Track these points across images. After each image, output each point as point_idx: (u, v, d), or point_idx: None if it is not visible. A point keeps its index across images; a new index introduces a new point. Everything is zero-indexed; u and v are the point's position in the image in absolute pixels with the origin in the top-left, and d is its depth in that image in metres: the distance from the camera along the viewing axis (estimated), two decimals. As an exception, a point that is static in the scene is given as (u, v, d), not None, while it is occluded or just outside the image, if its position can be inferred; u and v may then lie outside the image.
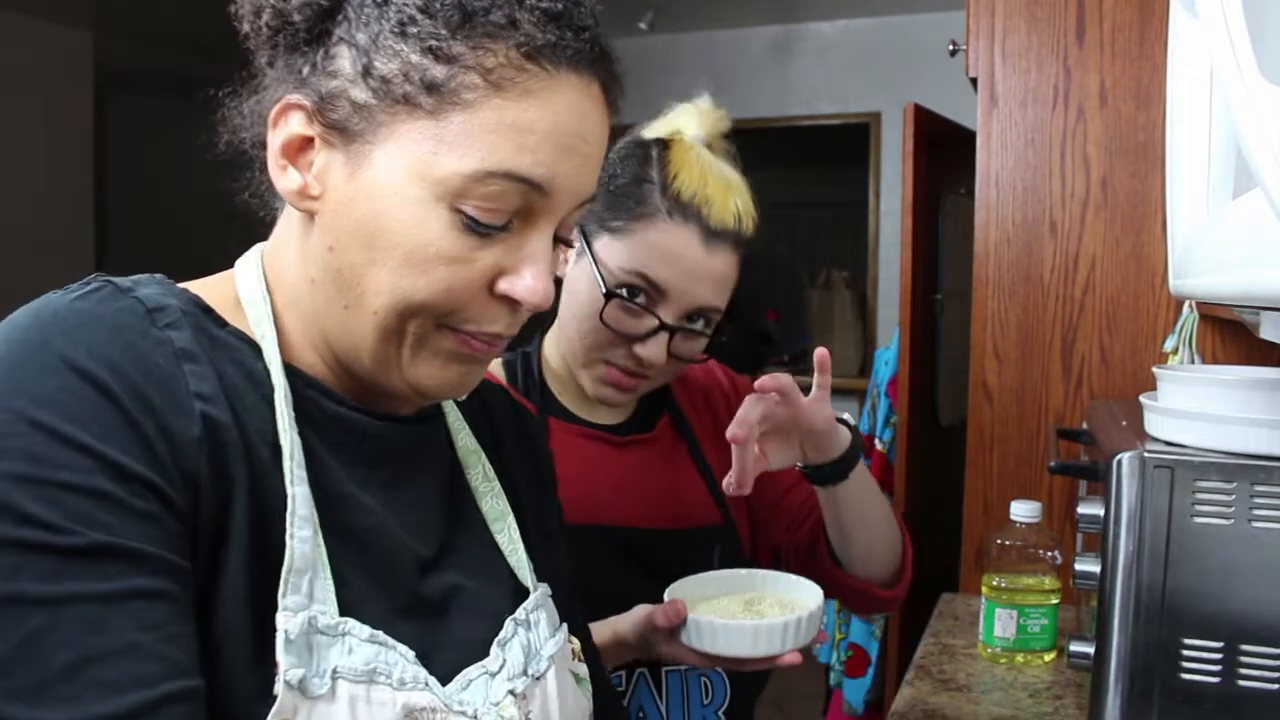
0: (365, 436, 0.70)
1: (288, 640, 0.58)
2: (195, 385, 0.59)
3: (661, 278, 1.05)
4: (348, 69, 0.63)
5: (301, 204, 0.66)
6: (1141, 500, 0.87)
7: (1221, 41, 0.42)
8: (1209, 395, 0.89)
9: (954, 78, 2.12)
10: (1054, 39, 1.72)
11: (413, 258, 0.63)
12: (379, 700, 0.61)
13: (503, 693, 0.68)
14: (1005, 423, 1.78)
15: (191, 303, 0.65)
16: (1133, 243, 1.70)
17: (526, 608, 0.75)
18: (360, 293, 0.64)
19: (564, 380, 1.18)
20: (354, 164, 0.63)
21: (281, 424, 0.64)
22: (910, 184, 2.49)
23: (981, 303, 1.79)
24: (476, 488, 0.79)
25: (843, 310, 4.72)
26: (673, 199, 1.06)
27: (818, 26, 4.76)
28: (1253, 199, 0.57)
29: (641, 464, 1.17)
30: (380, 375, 0.68)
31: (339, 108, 0.63)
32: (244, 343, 0.66)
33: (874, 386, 2.77)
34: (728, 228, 1.07)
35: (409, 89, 0.62)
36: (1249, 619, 0.85)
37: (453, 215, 0.62)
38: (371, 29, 0.63)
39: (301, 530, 0.61)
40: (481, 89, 0.62)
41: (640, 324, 1.06)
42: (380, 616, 0.64)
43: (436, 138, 0.62)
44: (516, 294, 0.65)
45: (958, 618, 1.63)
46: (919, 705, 1.28)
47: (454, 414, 0.81)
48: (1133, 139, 1.69)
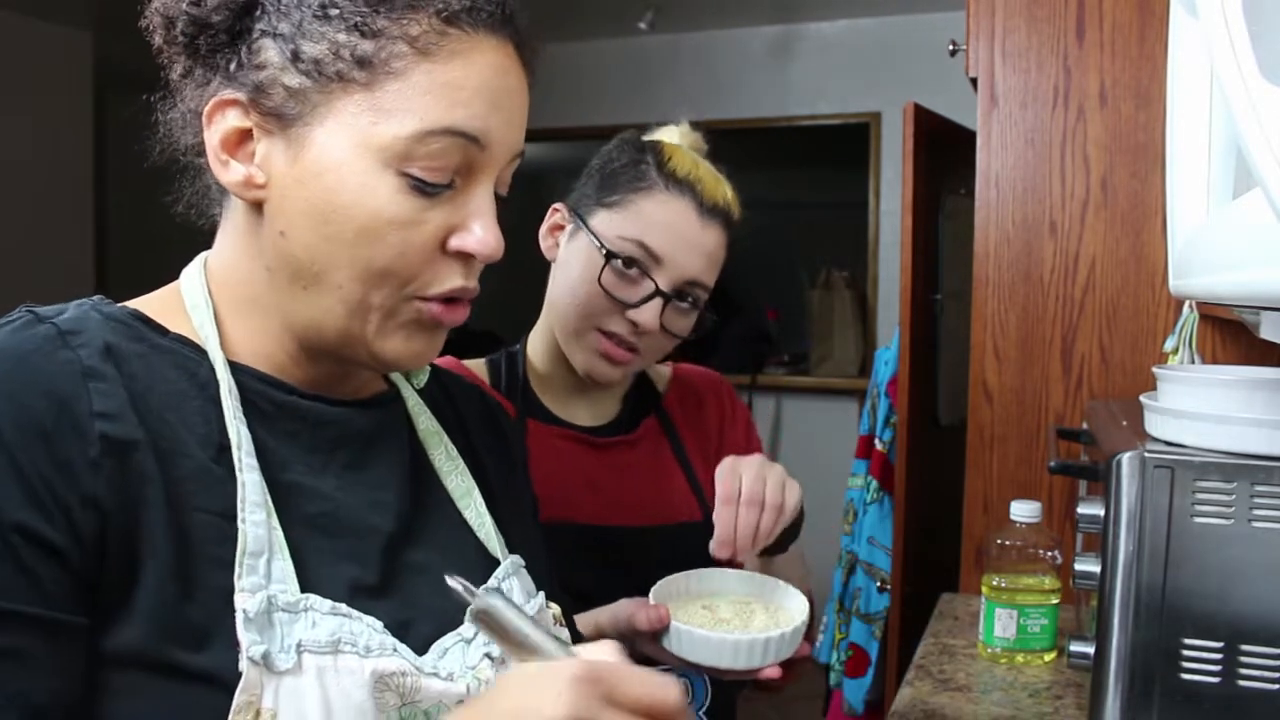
0: (320, 423, 0.73)
1: (247, 618, 0.60)
2: (99, 404, 0.61)
3: (658, 244, 1.10)
4: (275, 59, 0.66)
5: (248, 194, 0.68)
6: (1141, 500, 0.87)
7: (1221, 41, 0.42)
8: (1209, 395, 0.89)
9: (954, 78, 2.12)
10: (1054, 39, 1.72)
11: (367, 227, 0.65)
12: (347, 669, 0.62)
13: (479, 657, 0.70)
14: (1005, 423, 1.78)
15: (130, 316, 0.68)
16: (1133, 243, 1.70)
17: (498, 576, 0.77)
18: (319, 271, 0.67)
19: (547, 379, 1.21)
20: (295, 147, 0.66)
21: (228, 417, 0.66)
22: (910, 184, 2.49)
23: (981, 303, 1.79)
24: (440, 467, 0.81)
25: (843, 310, 4.71)
26: (669, 174, 1.13)
27: (818, 26, 4.76)
28: (1253, 199, 0.57)
29: (620, 464, 1.19)
30: (346, 351, 0.70)
31: (273, 95, 0.66)
32: (188, 347, 0.69)
33: (874, 386, 2.77)
34: (719, 205, 1.14)
35: (341, 66, 0.65)
36: (1249, 619, 0.85)
37: (399, 179, 0.66)
38: (293, 17, 0.66)
39: (254, 515, 0.64)
40: (410, 56, 0.65)
41: (636, 290, 1.10)
42: (348, 597, 0.66)
43: (374, 108, 0.65)
44: (469, 247, 0.69)
45: (958, 618, 1.63)
46: (919, 705, 1.28)
47: (413, 398, 0.83)
48: (1133, 139, 1.69)
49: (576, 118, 4.86)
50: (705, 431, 1.28)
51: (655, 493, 1.19)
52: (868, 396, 2.83)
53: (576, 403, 1.21)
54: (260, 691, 0.59)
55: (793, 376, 4.84)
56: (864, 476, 2.70)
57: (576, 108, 4.84)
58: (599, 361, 1.13)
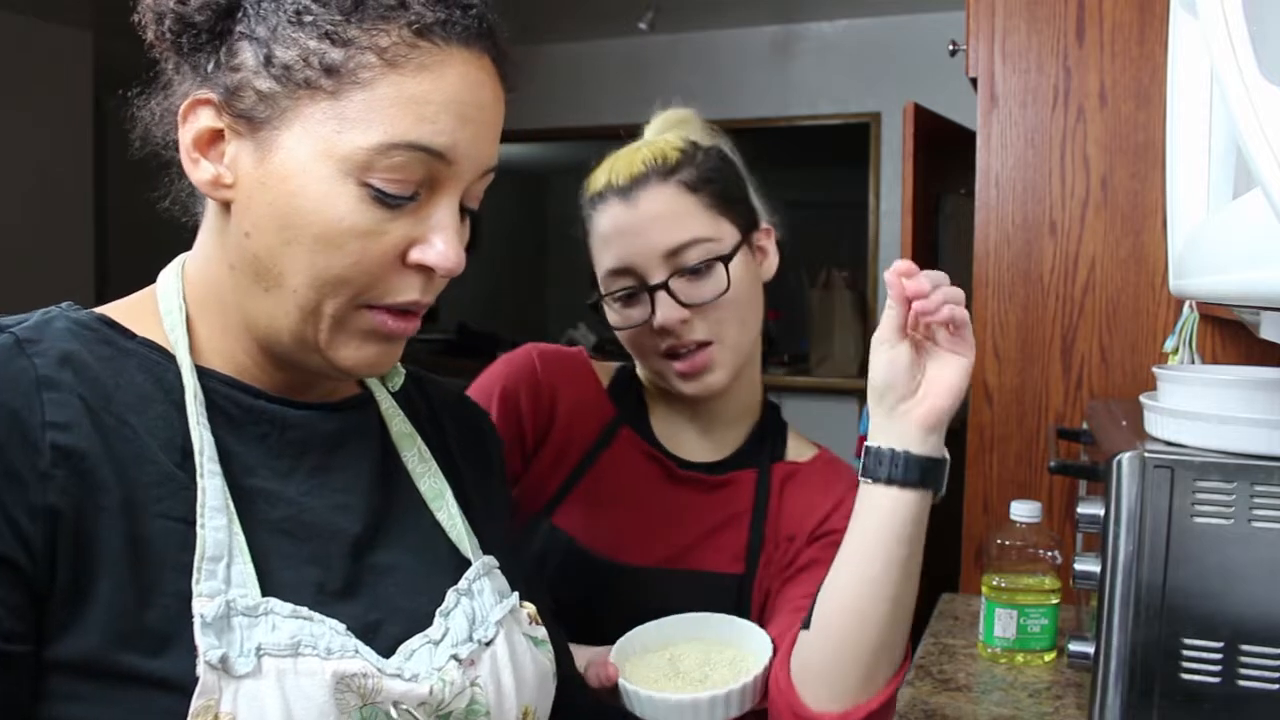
0: (287, 427, 0.73)
1: (204, 623, 0.60)
2: (51, 414, 0.61)
3: (615, 259, 1.07)
4: (250, 62, 0.66)
5: (216, 194, 0.69)
6: (1141, 500, 0.87)
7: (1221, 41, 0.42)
8: (1209, 395, 0.89)
9: (954, 78, 2.12)
10: (1054, 39, 1.72)
11: (325, 234, 0.65)
12: (307, 670, 0.63)
13: (445, 658, 0.71)
14: (1005, 423, 1.77)
15: (97, 320, 0.69)
16: (1133, 243, 1.70)
17: (468, 578, 0.77)
18: (279, 274, 0.67)
19: (657, 402, 1.19)
20: (263, 150, 0.66)
21: (191, 423, 0.66)
22: (910, 184, 2.49)
23: (981, 303, 1.79)
24: (413, 469, 0.82)
25: (843, 310, 4.71)
26: (590, 199, 1.11)
27: (818, 26, 4.76)
28: (1253, 199, 0.57)
29: (681, 507, 1.13)
30: (301, 356, 0.70)
31: (245, 98, 0.66)
32: (155, 351, 0.69)
33: (874, 386, 2.77)
34: (639, 173, 1.08)
35: (309, 73, 0.65)
36: (1249, 619, 0.85)
37: (361, 189, 0.65)
38: (270, 21, 0.66)
39: (213, 520, 0.64)
40: (378, 67, 0.65)
41: (640, 306, 1.08)
42: (314, 599, 0.67)
43: (339, 116, 0.65)
44: (429, 261, 0.68)
45: (958, 618, 1.63)
46: (919, 705, 1.28)
47: (387, 401, 0.84)
48: (1133, 139, 1.69)
49: (576, 118, 4.86)
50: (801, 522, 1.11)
51: (701, 544, 1.11)
52: (868, 396, 2.83)
53: (685, 433, 1.18)
54: (219, 695, 0.59)
55: (793, 376, 4.84)
56: (864, 476, 2.69)
57: (576, 108, 4.85)
58: (680, 382, 1.10)
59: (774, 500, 1.13)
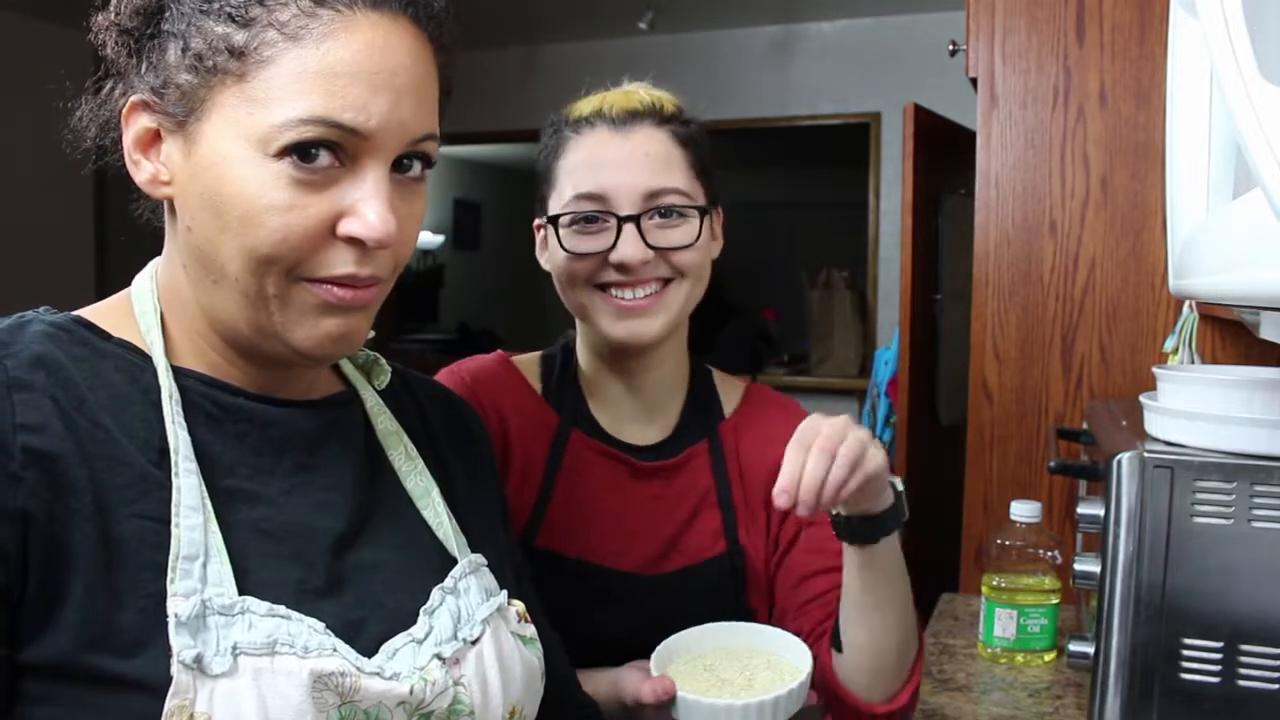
0: (267, 424, 0.72)
1: (179, 622, 0.60)
2: (22, 416, 0.61)
3: (590, 183, 1.05)
4: (172, 58, 0.67)
5: (157, 192, 0.69)
6: (1141, 500, 0.87)
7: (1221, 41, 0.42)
8: (1209, 395, 0.89)
9: (954, 78, 2.12)
10: (1054, 39, 1.72)
11: (248, 215, 0.65)
12: (284, 669, 0.62)
13: (428, 657, 0.70)
14: (1005, 423, 1.78)
15: (74, 322, 0.69)
16: (1133, 243, 1.70)
17: (454, 576, 0.77)
18: (220, 264, 0.67)
19: (598, 387, 1.16)
20: (190, 143, 0.67)
21: (168, 422, 0.66)
22: (910, 184, 2.49)
23: (981, 303, 1.79)
24: (399, 467, 0.81)
25: (843, 310, 4.71)
26: (574, 123, 1.09)
27: (818, 26, 4.76)
28: (1253, 199, 0.57)
29: (655, 495, 1.13)
30: (264, 345, 0.70)
31: (169, 95, 0.67)
32: (133, 352, 0.69)
33: (874, 386, 2.77)
34: (636, 110, 1.07)
35: (218, 59, 0.65)
36: (1249, 619, 0.85)
37: (278, 167, 0.64)
38: (186, 15, 0.66)
39: (188, 519, 0.63)
40: (280, 43, 0.64)
41: (602, 237, 1.05)
42: (294, 597, 0.66)
43: (249, 99, 0.64)
44: (356, 234, 0.67)
45: (958, 618, 1.63)
46: (919, 705, 1.28)
47: (372, 398, 0.83)
48: (1133, 139, 1.69)
49: (576, 118, 4.85)
50: (760, 465, 1.16)
51: (682, 533, 1.13)
52: (868, 396, 2.83)
53: (628, 416, 1.15)
54: (193, 695, 0.59)
55: (793, 376, 4.84)
56: (864, 476, 2.69)
57: (576, 108, 4.84)
58: (620, 324, 1.06)
59: (731, 466, 1.16)
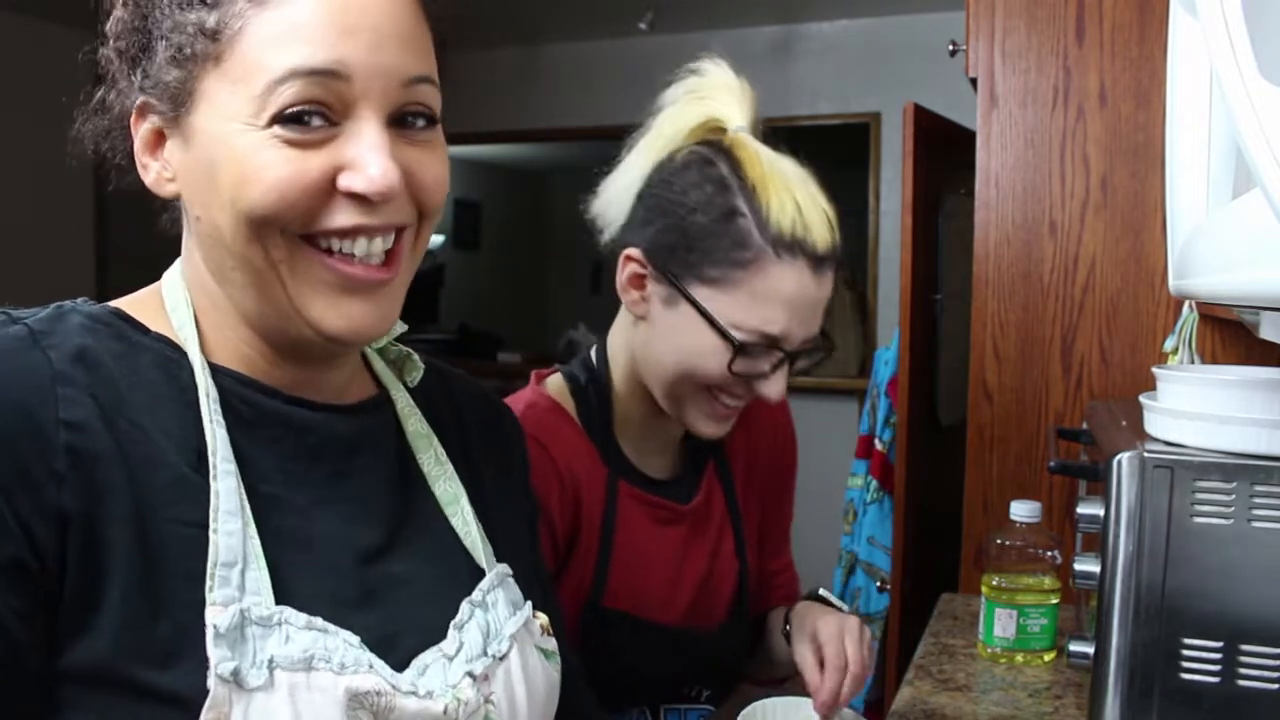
0: (304, 430, 0.71)
1: (217, 634, 0.58)
2: (65, 412, 0.60)
3: (782, 327, 0.99)
4: (160, 58, 0.67)
5: (164, 190, 0.70)
6: (1141, 500, 0.87)
7: (1221, 41, 0.42)
8: (1209, 395, 0.89)
9: (954, 78, 2.12)
10: (1054, 39, 1.72)
11: (243, 175, 0.64)
12: (320, 686, 0.61)
13: (460, 674, 0.69)
14: (1005, 423, 1.78)
15: (112, 315, 0.68)
16: (1133, 243, 1.70)
17: (483, 589, 0.75)
18: (226, 241, 0.66)
19: (626, 420, 1.13)
20: (186, 136, 0.67)
21: (206, 423, 0.65)
22: (910, 184, 2.49)
23: (981, 303, 1.79)
24: (429, 472, 0.79)
25: (843, 310, 4.71)
26: (775, 236, 0.98)
27: (818, 26, 4.75)
28: (1253, 199, 0.57)
29: (689, 538, 1.16)
30: (289, 328, 0.68)
31: (164, 93, 0.67)
32: (170, 347, 0.68)
33: (874, 386, 2.77)
34: (830, 248, 1.01)
35: (197, 46, 0.65)
36: (1249, 619, 0.85)
37: (268, 135, 0.64)
38: (167, 14, 0.66)
39: (227, 524, 0.62)
40: (247, 12, 0.64)
41: (763, 363, 1.02)
42: (328, 609, 0.64)
43: (230, 79, 0.64)
44: (358, 188, 0.65)
45: (957, 618, 1.63)
46: (919, 705, 1.28)
47: (403, 399, 0.81)
48: (1133, 139, 1.69)
49: (576, 118, 4.85)
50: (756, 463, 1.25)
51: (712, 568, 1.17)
52: (868, 396, 2.83)
53: (654, 449, 1.16)
54: (229, 709, 0.57)
55: (793, 376, 4.83)
56: (864, 476, 2.70)
57: (576, 108, 4.84)
58: (711, 423, 1.07)
59: (738, 481, 1.22)
